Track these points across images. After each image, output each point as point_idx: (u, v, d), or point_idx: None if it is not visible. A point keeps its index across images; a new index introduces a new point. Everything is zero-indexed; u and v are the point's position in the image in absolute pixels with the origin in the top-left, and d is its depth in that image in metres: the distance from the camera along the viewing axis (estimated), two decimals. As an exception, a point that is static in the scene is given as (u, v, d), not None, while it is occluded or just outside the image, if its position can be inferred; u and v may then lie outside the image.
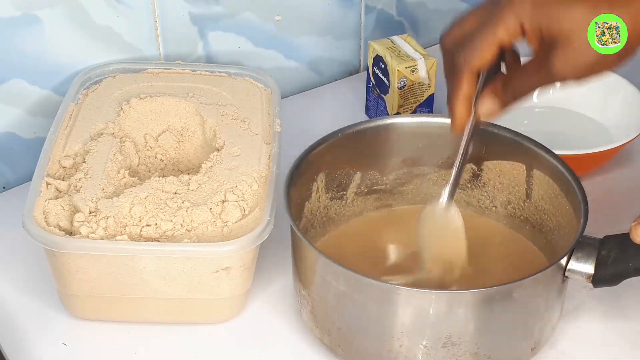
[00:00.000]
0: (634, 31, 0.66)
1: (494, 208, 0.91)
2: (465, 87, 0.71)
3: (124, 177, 0.86)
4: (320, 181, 0.87)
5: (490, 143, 0.87)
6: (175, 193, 0.83)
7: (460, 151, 0.76)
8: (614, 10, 0.65)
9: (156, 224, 0.80)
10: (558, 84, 0.69)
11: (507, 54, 0.72)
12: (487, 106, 0.72)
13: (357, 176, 0.90)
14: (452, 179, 0.79)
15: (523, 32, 0.68)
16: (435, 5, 1.23)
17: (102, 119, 0.91)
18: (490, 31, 0.68)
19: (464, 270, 0.82)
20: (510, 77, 0.71)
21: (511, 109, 0.72)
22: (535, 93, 1.09)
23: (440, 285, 0.84)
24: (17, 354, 0.82)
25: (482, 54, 0.69)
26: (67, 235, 0.79)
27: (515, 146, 0.86)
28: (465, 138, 0.75)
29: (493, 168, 0.89)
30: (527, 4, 0.67)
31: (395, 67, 1.03)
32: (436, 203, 0.81)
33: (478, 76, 0.72)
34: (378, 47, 1.06)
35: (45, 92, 1.01)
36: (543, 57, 0.68)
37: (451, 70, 0.72)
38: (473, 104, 0.73)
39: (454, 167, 0.78)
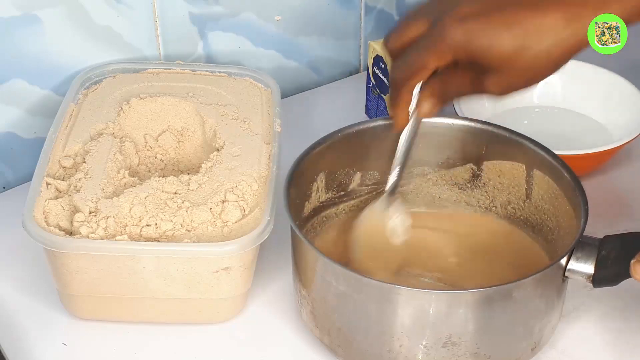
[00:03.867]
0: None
1: (494, 208, 0.91)
2: (404, 97, 0.77)
3: (124, 177, 0.86)
4: (320, 181, 0.87)
5: (490, 143, 0.87)
6: (175, 193, 0.83)
7: (401, 148, 0.81)
8: (541, 39, 0.68)
9: (156, 224, 0.80)
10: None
11: None
12: (426, 108, 0.77)
13: (357, 176, 0.90)
14: (391, 178, 0.82)
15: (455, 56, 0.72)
16: (435, 5, 1.23)
17: (102, 119, 0.91)
18: (425, 58, 0.73)
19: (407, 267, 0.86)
20: (447, 81, 0.75)
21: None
22: (536, 94, 1.11)
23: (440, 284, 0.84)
24: (17, 354, 0.82)
25: (417, 75, 0.75)
26: (67, 235, 0.79)
27: (515, 146, 0.86)
28: (406, 136, 0.80)
29: (493, 168, 0.89)
30: (459, 33, 0.70)
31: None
32: (374, 204, 0.84)
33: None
34: (378, 47, 1.06)
35: (45, 92, 1.01)
36: (474, 75, 0.72)
37: (392, 79, 0.77)
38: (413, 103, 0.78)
39: (395, 166, 0.82)
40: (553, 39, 0.68)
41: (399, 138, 0.81)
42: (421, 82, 0.76)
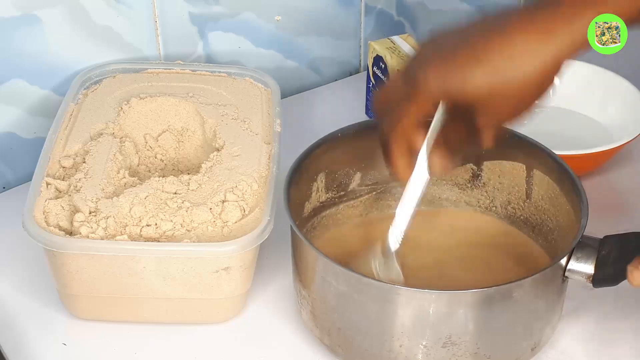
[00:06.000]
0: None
1: (494, 208, 0.91)
2: (395, 150, 0.74)
3: (124, 177, 0.86)
4: (320, 181, 0.87)
5: (490, 143, 0.87)
6: (175, 193, 0.83)
7: (414, 201, 0.78)
8: (515, 68, 0.67)
9: (156, 224, 0.80)
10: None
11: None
12: (437, 164, 0.75)
13: (357, 176, 0.90)
14: (400, 225, 0.79)
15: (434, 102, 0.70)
16: (435, 5, 1.23)
17: (102, 119, 0.91)
18: (404, 108, 0.71)
19: None
20: (447, 135, 0.73)
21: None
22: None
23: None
24: (17, 354, 0.82)
25: (400, 123, 0.72)
26: (67, 235, 0.79)
27: (515, 146, 0.86)
28: (420, 192, 0.77)
29: (493, 168, 0.89)
30: (430, 78, 0.68)
31: (395, 67, 1.03)
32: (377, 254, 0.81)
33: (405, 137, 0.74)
34: (378, 47, 1.06)
35: (45, 92, 1.01)
36: (468, 120, 0.70)
37: (380, 134, 0.75)
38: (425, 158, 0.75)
39: (402, 221, 0.79)
40: (527, 64, 0.66)
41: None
42: (426, 144, 0.74)
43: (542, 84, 0.68)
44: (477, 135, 0.72)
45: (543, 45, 0.66)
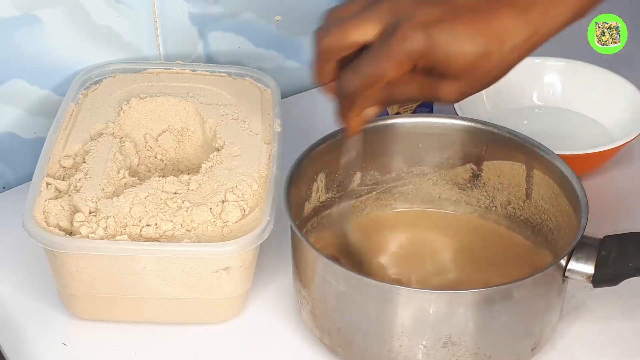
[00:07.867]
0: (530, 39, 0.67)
1: (494, 208, 0.91)
2: (358, 107, 0.72)
3: (124, 177, 0.86)
4: (320, 181, 0.87)
5: (490, 143, 0.87)
6: (175, 193, 0.83)
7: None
8: (502, 45, 0.65)
9: (156, 224, 0.80)
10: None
11: None
12: (367, 115, 0.73)
13: (357, 176, 0.90)
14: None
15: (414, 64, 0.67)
16: (435, 5, 1.23)
17: (102, 119, 0.91)
18: (383, 68, 0.66)
19: None
20: (393, 88, 0.69)
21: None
22: (536, 94, 1.11)
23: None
24: (17, 354, 0.82)
25: (373, 86, 0.68)
26: (67, 235, 0.79)
27: (515, 146, 0.86)
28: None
29: (493, 168, 0.89)
30: (421, 41, 0.65)
31: (395, 67, 1.03)
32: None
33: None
34: (378, 47, 1.06)
35: (45, 92, 1.01)
36: (427, 81, 0.67)
37: (344, 89, 0.72)
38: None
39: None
40: (512, 43, 0.65)
41: (349, 142, 0.78)
42: None
43: (513, 66, 0.67)
44: (428, 98, 0.69)
45: (526, 29, 0.65)
